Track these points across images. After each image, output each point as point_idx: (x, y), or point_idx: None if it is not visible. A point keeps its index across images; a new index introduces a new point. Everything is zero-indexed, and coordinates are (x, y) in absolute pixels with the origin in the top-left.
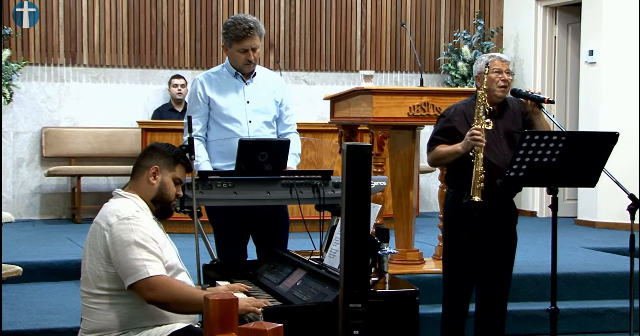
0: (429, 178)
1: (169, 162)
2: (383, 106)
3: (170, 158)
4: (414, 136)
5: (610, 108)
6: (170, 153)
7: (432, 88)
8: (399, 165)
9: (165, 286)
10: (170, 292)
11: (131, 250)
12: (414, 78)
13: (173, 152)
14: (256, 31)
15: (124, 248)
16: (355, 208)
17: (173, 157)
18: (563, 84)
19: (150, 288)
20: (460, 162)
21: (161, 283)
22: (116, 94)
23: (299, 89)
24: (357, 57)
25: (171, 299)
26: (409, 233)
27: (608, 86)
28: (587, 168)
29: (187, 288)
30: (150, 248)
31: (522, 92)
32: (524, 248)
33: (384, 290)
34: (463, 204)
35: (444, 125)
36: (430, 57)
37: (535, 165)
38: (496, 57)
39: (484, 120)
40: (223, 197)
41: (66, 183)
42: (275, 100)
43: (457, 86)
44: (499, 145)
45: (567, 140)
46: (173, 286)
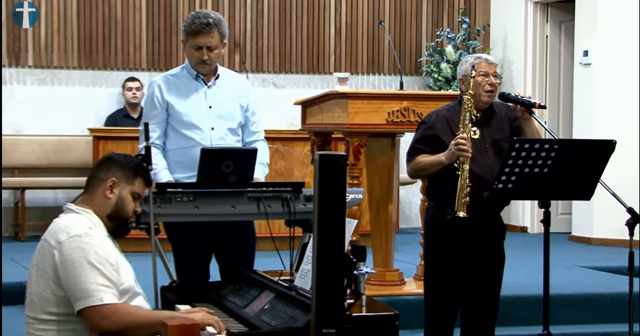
0: (410, 191)
1: (128, 174)
2: (359, 111)
3: (129, 170)
4: (393, 144)
5: (607, 113)
6: (129, 165)
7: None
8: (377, 176)
9: (119, 314)
10: (124, 320)
11: (83, 271)
12: (393, 81)
13: (132, 164)
14: (215, 28)
15: (75, 268)
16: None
17: (132, 169)
18: (555, 88)
19: (104, 317)
20: (444, 174)
21: (115, 311)
22: (65, 98)
23: (267, 93)
24: (331, 58)
25: (125, 326)
26: (388, 251)
27: (604, 90)
28: (582, 180)
29: (142, 312)
30: (105, 271)
31: (510, 96)
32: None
33: (360, 314)
34: (446, 220)
35: (425, 133)
36: (411, 58)
37: (526, 176)
38: (483, 58)
39: (470, 128)
40: (183, 212)
41: (9, 196)
42: (241, 105)
43: (440, 90)
44: (485, 155)
45: (560, 149)
46: (128, 313)
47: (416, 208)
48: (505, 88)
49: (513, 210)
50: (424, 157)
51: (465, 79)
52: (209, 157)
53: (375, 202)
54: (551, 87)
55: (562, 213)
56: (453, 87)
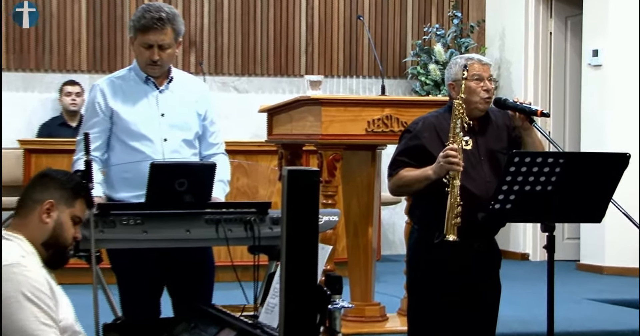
0: (393, 212)
1: (68, 195)
2: (334, 120)
3: (68, 190)
4: (374, 158)
5: (620, 123)
6: (69, 185)
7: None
8: (355, 195)
9: None
10: None
11: (20, 308)
12: (373, 84)
13: (73, 183)
14: (169, 24)
15: (10, 304)
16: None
17: (72, 189)
18: (561, 92)
19: None
20: (431, 191)
21: None
22: None
23: (227, 99)
24: (302, 59)
25: None
26: (368, 282)
27: (617, 95)
28: (592, 199)
29: None
30: (43, 306)
31: (508, 102)
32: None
33: None
34: (433, 245)
35: (410, 143)
36: (394, 58)
37: (526, 195)
38: (475, 59)
39: (461, 138)
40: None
41: None
42: (198, 113)
43: (429, 95)
44: (479, 170)
45: (566, 163)
46: None
47: (401, 231)
48: (502, 93)
49: (512, 234)
50: (408, 171)
51: (456, 85)
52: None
53: (353, 224)
54: (556, 92)
55: (568, 237)
56: (443, 91)
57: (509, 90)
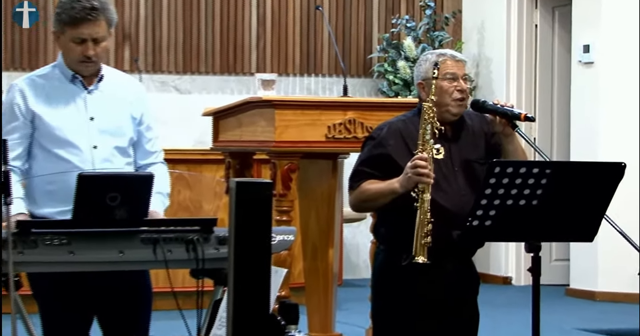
0: (357, 230)
1: None
2: (290, 125)
3: None
4: (335, 168)
5: (614, 127)
6: None
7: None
8: (314, 210)
9: None
10: None
11: None
12: (334, 84)
13: None
14: (102, 14)
15: None
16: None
17: None
18: (547, 93)
19: None
20: (397, 207)
21: None
22: None
23: (167, 100)
24: (252, 54)
25: None
26: (328, 311)
27: (611, 96)
28: (583, 215)
29: None
30: None
31: (487, 104)
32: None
33: None
34: (402, 268)
35: (374, 152)
36: (358, 54)
37: (508, 210)
38: (448, 55)
39: (431, 146)
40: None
41: None
42: (133, 117)
43: (397, 96)
44: (453, 182)
45: (554, 174)
46: None
47: (365, 252)
48: (480, 94)
49: (492, 255)
50: (372, 184)
51: (426, 83)
52: (90, 185)
53: (311, 245)
54: (542, 92)
55: (556, 259)
56: (413, 92)
57: (488, 90)
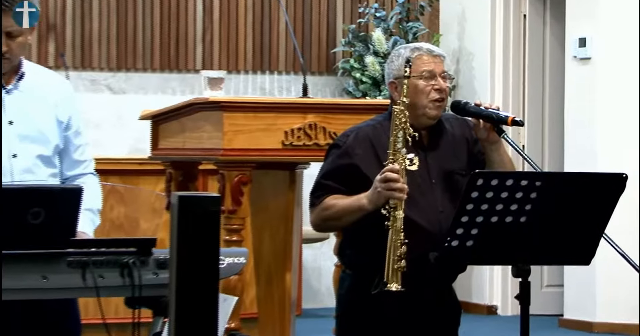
0: (319, 252)
1: None
2: (241, 130)
3: None
4: (293, 180)
5: (613, 133)
6: None
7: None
8: (268, 229)
9: None
10: None
11: None
12: (292, 83)
13: None
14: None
15: None
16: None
17: None
18: (538, 94)
19: None
20: (366, 226)
21: None
22: None
23: (98, 101)
24: (197, 49)
25: None
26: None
27: (610, 96)
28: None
29: None
30: None
31: (469, 107)
32: None
33: None
34: (371, 296)
35: (339, 162)
36: (320, 48)
37: (493, 229)
38: (424, 50)
39: (404, 155)
40: None
41: None
42: (58, 120)
43: (366, 96)
44: (430, 197)
45: (545, 187)
46: None
47: (328, 278)
48: (461, 94)
49: (475, 280)
50: (336, 200)
51: (398, 82)
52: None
53: (265, 268)
54: (532, 93)
55: (548, 285)
56: (384, 92)
57: (470, 90)
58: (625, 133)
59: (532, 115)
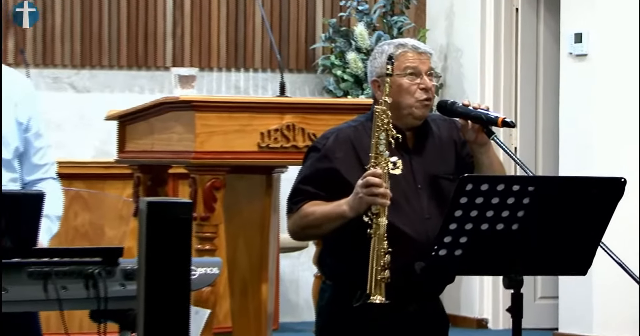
0: (297, 262)
1: None
2: (214, 132)
3: None
4: (270, 185)
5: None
6: None
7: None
8: (243, 237)
9: None
10: None
11: None
12: (269, 81)
13: None
14: None
15: None
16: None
17: None
18: (531, 93)
19: None
20: (347, 234)
21: None
22: None
23: (61, 100)
24: (167, 44)
25: None
26: None
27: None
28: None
29: None
30: None
31: (457, 106)
32: None
33: None
34: (353, 309)
35: (318, 166)
36: (299, 44)
37: (483, 237)
38: (409, 46)
39: (386, 158)
40: None
41: None
42: (18, 121)
43: (347, 95)
44: (415, 203)
45: (538, 192)
46: None
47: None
48: (449, 94)
49: (464, 292)
50: (316, 206)
51: (381, 81)
52: None
53: (239, 279)
54: (524, 92)
55: (542, 297)
56: (366, 91)
57: (458, 89)
58: (624, 135)
59: (525, 116)
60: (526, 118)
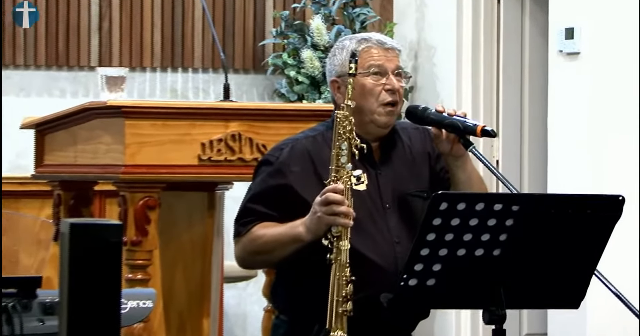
0: (244, 293)
1: None
2: (147, 142)
3: None
4: (213, 204)
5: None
6: None
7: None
8: (182, 265)
9: None
10: None
11: None
12: (211, 83)
13: None
14: None
15: None
16: None
17: None
18: (516, 96)
19: None
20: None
21: None
22: None
23: None
24: (93, 40)
25: None
26: None
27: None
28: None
29: None
30: None
31: (430, 113)
32: None
33: None
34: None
35: (270, 182)
36: (246, 40)
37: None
38: (373, 41)
39: (349, 172)
40: None
41: None
42: None
43: (302, 100)
44: (382, 224)
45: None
46: None
47: (256, 324)
48: (420, 98)
49: (438, 327)
50: (267, 228)
51: (341, 82)
52: None
53: (177, 314)
54: (507, 96)
55: (529, 334)
56: (325, 94)
57: (431, 92)
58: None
59: (508, 123)
60: (509, 126)
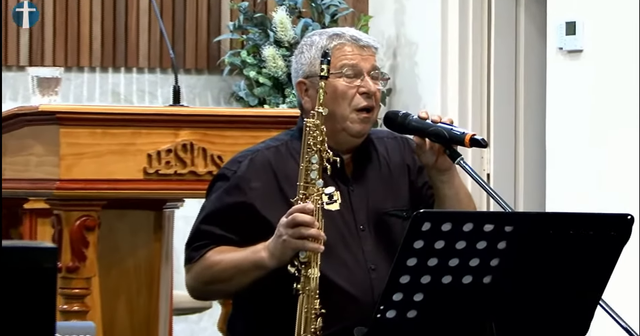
0: (198, 327)
1: None
2: (85, 153)
3: None
4: (160, 225)
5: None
6: None
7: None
8: (125, 295)
9: None
10: None
11: None
12: (159, 85)
13: None
14: None
15: None
16: None
17: None
18: (510, 100)
19: None
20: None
21: None
22: None
23: None
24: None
25: None
26: None
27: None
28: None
29: None
30: None
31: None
32: None
33: None
34: None
35: (227, 200)
36: (199, 36)
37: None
38: (347, 37)
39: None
40: None
41: None
42: None
43: (263, 104)
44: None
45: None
46: None
47: None
48: (400, 102)
49: None
50: (224, 254)
51: (310, 84)
52: None
53: None
54: (500, 99)
55: None
56: (290, 97)
57: (412, 96)
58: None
59: (501, 131)
60: (502, 134)
